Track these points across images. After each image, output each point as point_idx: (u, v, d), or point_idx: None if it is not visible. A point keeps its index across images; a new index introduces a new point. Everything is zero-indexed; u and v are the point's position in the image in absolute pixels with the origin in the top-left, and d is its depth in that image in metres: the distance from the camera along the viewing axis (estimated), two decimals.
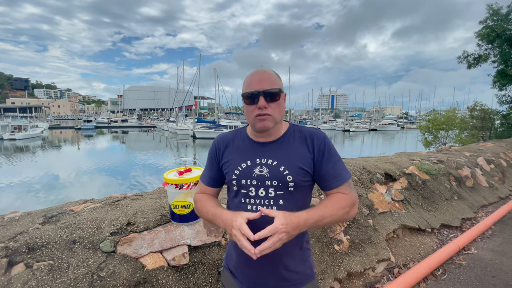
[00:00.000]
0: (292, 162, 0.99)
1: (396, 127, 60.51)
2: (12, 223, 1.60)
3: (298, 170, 0.98)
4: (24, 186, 12.56)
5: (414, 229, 3.14)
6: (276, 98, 0.98)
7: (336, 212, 0.94)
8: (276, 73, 1.02)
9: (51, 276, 1.30)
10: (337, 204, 0.96)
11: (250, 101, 0.98)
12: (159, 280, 1.53)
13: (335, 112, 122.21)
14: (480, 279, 2.44)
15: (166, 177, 1.59)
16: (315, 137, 1.02)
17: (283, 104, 1.03)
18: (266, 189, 0.99)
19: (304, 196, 1.05)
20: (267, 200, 0.99)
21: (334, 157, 1.02)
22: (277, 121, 1.01)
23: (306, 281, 1.07)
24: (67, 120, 67.60)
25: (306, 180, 1.01)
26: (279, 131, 1.06)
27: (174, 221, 1.69)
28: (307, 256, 1.10)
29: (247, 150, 1.06)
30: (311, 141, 1.02)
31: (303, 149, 1.02)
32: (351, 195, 1.00)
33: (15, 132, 32.51)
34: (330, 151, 1.01)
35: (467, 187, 4.44)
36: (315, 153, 1.01)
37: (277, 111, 0.99)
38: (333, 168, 1.00)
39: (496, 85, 12.01)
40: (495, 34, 10.51)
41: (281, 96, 1.00)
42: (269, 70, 1.02)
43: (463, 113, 18.45)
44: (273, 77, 0.99)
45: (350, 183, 1.02)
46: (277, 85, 0.98)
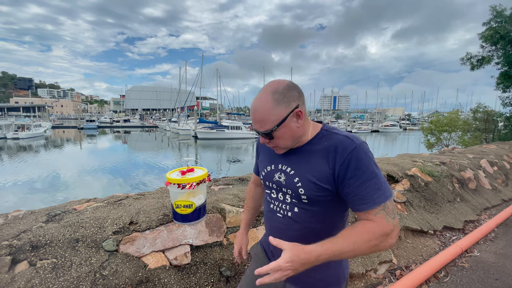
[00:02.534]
0: (305, 174, 0.92)
1: (398, 128, 60.29)
2: (16, 221, 1.61)
3: (310, 184, 0.90)
4: (27, 185, 12.63)
5: (416, 231, 3.13)
6: (270, 136, 0.91)
7: (359, 246, 0.79)
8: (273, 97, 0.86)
9: (54, 274, 1.31)
10: (360, 236, 0.80)
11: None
12: (161, 279, 1.53)
13: (337, 113, 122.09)
14: (483, 281, 2.42)
15: (168, 176, 1.60)
16: (339, 149, 0.87)
17: (289, 128, 0.90)
18: (284, 195, 0.99)
19: (326, 210, 0.93)
20: (284, 205, 0.99)
21: (363, 174, 0.84)
22: (288, 146, 0.95)
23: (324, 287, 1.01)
24: (70, 120, 67.96)
25: (322, 195, 0.90)
26: (305, 137, 0.96)
27: (176, 220, 1.69)
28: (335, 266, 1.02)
29: (273, 154, 1.04)
30: (334, 154, 0.87)
31: (322, 161, 0.90)
32: (383, 224, 0.81)
33: (19, 131, 32.71)
34: (358, 167, 0.84)
35: (470, 189, 4.42)
36: (336, 168, 0.86)
37: (281, 140, 0.92)
38: (360, 188, 0.84)
39: (500, 87, 11.94)
40: (498, 36, 10.46)
41: (278, 130, 0.88)
42: (264, 100, 0.87)
43: (466, 114, 18.36)
44: (264, 115, 0.87)
45: (386, 207, 0.83)
46: (268, 124, 0.87)
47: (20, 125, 34.31)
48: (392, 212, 0.84)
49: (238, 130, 35.24)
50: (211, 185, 2.62)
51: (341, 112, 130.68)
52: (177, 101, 52.11)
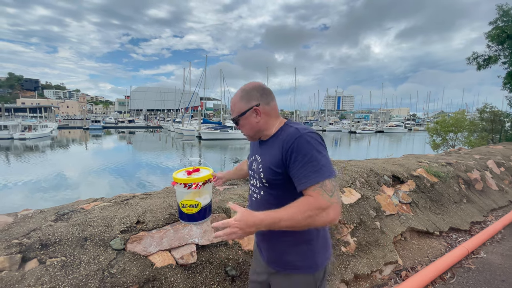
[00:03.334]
0: (265, 160, 1.12)
1: (403, 129, 59.80)
2: (25, 220, 1.64)
3: (267, 169, 1.09)
4: (35, 184, 12.79)
5: (422, 232, 3.11)
6: (239, 123, 1.17)
7: (295, 216, 0.91)
8: (241, 93, 1.14)
9: (63, 272, 1.33)
10: (297, 207, 0.93)
11: None
12: (167, 278, 1.55)
13: (341, 113, 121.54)
14: (489, 283, 2.40)
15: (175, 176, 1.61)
16: (287, 138, 1.04)
17: (249, 121, 1.14)
18: (255, 180, 1.19)
19: (282, 192, 1.09)
20: (256, 189, 1.20)
21: (303, 158, 0.97)
22: (251, 136, 1.19)
23: (296, 271, 1.13)
24: (75, 120, 68.58)
25: (277, 179, 1.07)
26: (270, 131, 1.16)
27: (182, 220, 1.70)
28: (307, 251, 1.12)
29: (254, 147, 1.28)
30: (284, 142, 1.04)
31: (277, 150, 1.07)
32: (318, 199, 0.93)
33: (25, 132, 33.12)
34: (299, 152, 0.98)
35: (476, 190, 4.38)
36: (283, 153, 1.03)
37: (247, 129, 1.17)
38: (300, 170, 0.98)
39: (507, 86, 11.78)
40: (505, 35, 10.33)
41: (241, 119, 1.15)
42: (237, 93, 1.17)
43: (472, 115, 18.15)
44: (233, 107, 1.17)
45: (324, 185, 0.94)
46: (234, 113, 1.16)
47: (27, 125, 34.73)
48: (330, 190, 0.94)
49: None
50: (216, 185, 2.63)
51: (345, 112, 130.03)
52: (181, 101, 52.34)
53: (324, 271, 1.16)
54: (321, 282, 1.16)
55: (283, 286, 1.15)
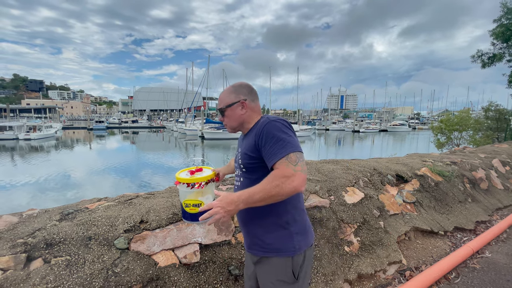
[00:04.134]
0: (244, 149, 1.25)
1: (407, 128, 59.37)
2: (31, 219, 1.66)
3: (244, 155, 1.22)
4: (40, 184, 12.91)
5: (426, 232, 3.08)
6: (225, 114, 1.29)
7: (265, 187, 1.02)
8: (233, 88, 1.29)
9: (68, 271, 1.34)
10: (266, 180, 1.04)
11: None
12: (171, 277, 1.55)
13: (345, 112, 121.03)
14: (494, 283, 2.38)
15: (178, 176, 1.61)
16: (259, 126, 1.18)
17: (235, 113, 1.28)
18: (237, 170, 1.34)
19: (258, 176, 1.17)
20: (238, 177, 1.34)
21: (272, 139, 1.10)
22: (234, 127, 1.32)
23: (275, 253, 1.19)
24: (79, 121, 69.06)
25: (252, 163, 1.20)
26: (250, 125, 1.30)
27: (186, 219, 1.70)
28: (284, 234, 1.20)
29: (240, 141, 1.43)
30: (257, 130, 1.18)
31: (252, 138, 1.20)
32: (283, 168, 1.04)
33: (30, 132, 33.41)
34: (268, 135, 1.12)
35: (481, 189, 4.34)
36: (256, 139, 1.16)
37: (231, 120, 1.30)
38: (270, 150, 1.10)
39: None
40: (510, 33, 10.22)
41: (228, 110, 1.28)
42: (227, 88, 1.32)
43: (477, 113, 17.97)
44: (223, 97, 1.30)
45: (289, 157, 1.06)
46: (222, 103, 1.29)
47: (32, 126, 35.04)
48: (294, 161, 1.05)
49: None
50: (219, 185, 2.64)
51: (349, 111, 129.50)
52: (184, 101, 52.48)
53: (304, 255, 1.21)
54: (301, 267, 1.20)
55: (264, 269, 1.22)
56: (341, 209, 2.53)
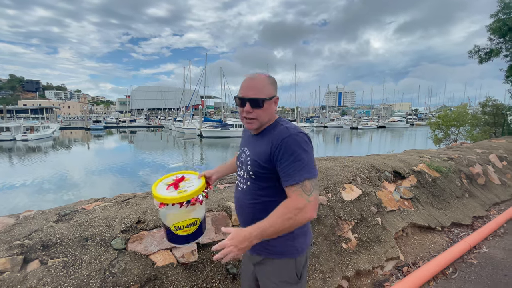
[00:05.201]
0: (253, 154, 1.16)
1: (405, 124, 59.54)
2: (27, 221, 1.65)
3: (255, 162, 1.14)
4: (37, 185, 12.86)
5: (423, 228, 3.10)
6: (259, 105, 1.11)
7: (277, 220, 0.98)
8: (269, 79, 1.14)
9: (65, 273, 1.34)
10: (277, 213, 1.00)
11: (239, 104, 1.15)
12: (168, 277, 1.55)
13: (342, 109, 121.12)
14: (492, 278, 2.40)
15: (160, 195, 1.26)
16: (276, 136, 1.10)
17: (270, 108, 1.15)
18: (243, 172, 1.24)
19: (268, 184, 1.14)
20: (242, 179, 1.25)
21: (290, 156, 1.04)
22: (263, 123, 1.16)
23: (278, 255, 1.17)
24: (77, 121, 68.81)
25: (264, 172, 1.12)
26: (267, 124, 1.19)
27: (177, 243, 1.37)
28: (288, 237, 1.17)
29: (244, 140, 1.32)
30: (273, 139, 1.10)
31: (266, 145, 1.12)
32: (297, 199, 1.00)
33: (27, 133, 33.23)
34: (287, 151, 1.05)
35: (478, 184, 4.36)
36: (272, 150, 1.08)
37: (262, 115, 1.14)
38: (285, 168, 1.04)
39: (509, 80, 11.70)
40: (507, 28, 10.23)
41: (267, 103, 1.12)
42: (261, 76, 1.13)
43: (474, 109, 18.03)
44: (261, 85, 1.11)
45: (304, 185, 1.01)
46: (262, 93, 1.11)
47: (29, 126, 34.84)
48: (308, 190, 1.01)
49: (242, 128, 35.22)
50: (217, 184, 2.64)
51: (347, 108, 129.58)
52: (181, 100, 52.34)
53: (305, 256, 1.21)
54: (303, 268, 1.20)
55: (266, 271, 1.20)
56: (338, 206, 2.54)
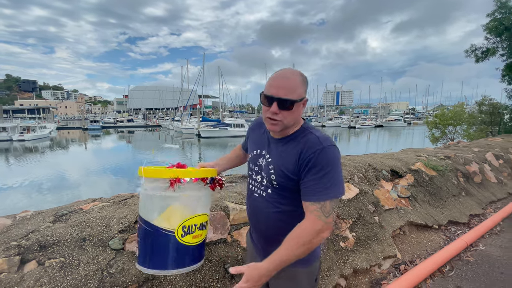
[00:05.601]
0: (279, 162, 1.06)
1: (402, 123, 59.82)
2: (24, 222, 1.64)
3: (280, 172, 1.04)
4: (34, 185, 12.80)
5: (420, 226, 3.12)
6: (289, 107, 0.98)
7: (294, 250, 0.93)
8: (302, 78, 1.01)
9: (62, 273, 1.33)
10: (293, 241, 0.94)
11: (265, 102, 1.02)
12: (166, 277, 1.55)
13: (340, 108, 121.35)
14: (488, 275, 2.42)
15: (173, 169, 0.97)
16: (308, 146, 1.00)
17: (298, 110, 1.03)
18: (262, 178, 1.13)
19: (294, 195, 1.05)
20: (261, 186, 1.14)
21: (318, 173, 0.96)
22: (288, 126, 1.04)
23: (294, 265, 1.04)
24: (74, 121, 68.40)
25: (289, 183, 1.03)
26: (288, 131, 1.08)
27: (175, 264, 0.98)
28: None
29: (262, 141, 1.18)
30: (303, 149, 1.00)
31: (293, 154, 1.02)
32: (315, 222, 0.94)
33: (24, 133, 33.03)
34: (316, 165, 0.96)
35: (475, 183, 4.39)
36: (300, 162, 1.00)
37: (289, 118, 1.01)
38: (310, 183, 0.97)
39: (505, 79, 11.78)
40: (503, 27, 10.29)
41: (296, 105, 1.00)
42: (295, 74, 1.00)
43: (471, 107, 18.14)
44: (293, 85, 0.98)
45: (324, 206, 0.95)
46: (294, 94, 0.98)
47: (26, 127, 34.63)
48: (327, 212, 0.95)
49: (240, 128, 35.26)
50: None
51: (345, 107, 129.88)
52: (179, 100, 52.21)
53: (319, 262, 1.19)
54: (318, 274, 1.19)
55: (284, 281, 1.12)
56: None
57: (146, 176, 0.92)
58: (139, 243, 0.94)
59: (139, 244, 0.94)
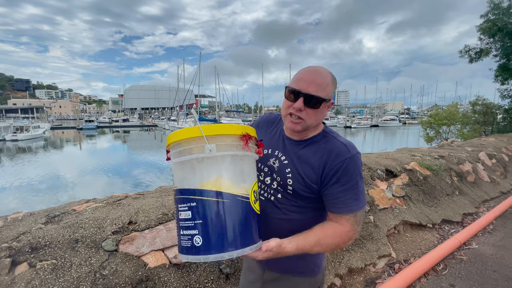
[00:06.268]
0: (298, 168, 0.97)
1: (397, 123, 60.29)
2: (15, 223, 1.62)
3: (299, 178, 0.96)
4: (27, 186, 12.64)
5: (415, 225, 3.15)
6: (316, 106, 0.92)
7: (326, 247, 0.91)
8: (333, 78, 0.96)
9: (54, 275, 1.32)
10: (330, 239, 0.90)
11: (290, 97, 0.94)
12: (161, 278, 1.54)
13: (337, 108, 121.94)
14: (481, 273, 2.44)
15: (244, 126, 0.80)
16: (333, 154, 0.92)
17: (323, 112, 0.96)
18: (272, 180, 1.02)
19: (305, 203, 0.99)
20: (269, 189, 1.03)
21: (347, 183, 0.91)
22: (309, 127, 0.97)
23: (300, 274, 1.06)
24: (68, 121, 67.75)
25: (307, 192, 0.96)
26: (308, 133, 1.01)
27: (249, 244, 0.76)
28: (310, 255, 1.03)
29: (274, 140, 1.08)
30: (327, 157, 0.93)
31: (315, 161, 0.95)
32: (351, 230, 0.92)
33: (17, 133, 32.63)
34: (345, 175, 0.91)
35: (468, 182, 4.44)
36: (326, 171, 0.92)
37: (313, 118, 0.94)
38: (340, 194, 0.91)
39: (498, 79, 11.96)
40: (496, 28, 10.44)
41: (323, 105, 0.93)
42: (328, 72, 0.95)
43: (465, 107, 18.35)
44: (325, 83, 0.92)
45: (356, 216, 0.92)
46: (324, 93, 0.91)
47: (19, 126, 34.22)
48: (359, 222, 0.93)
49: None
50: None
51: (341, 107, 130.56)
52: (175, 99, 51.99)
53: (323, 273, 1.15)
54: (322, 284, 1.14)
55: None
56: None
57: (207, 135, 0.72)
58: (195, 226, 0.72)
59: (198, 228, 0.71)
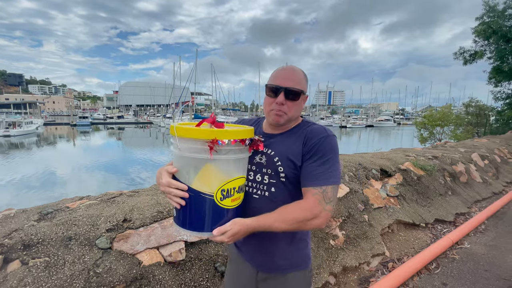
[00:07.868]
0: (284, 153, 1.03)
1: (392, 123, 60.79)
2: (7, 220, 1.59)
3: (288, 162, 1.01)
4: (19, 183, 12.46)
5: (408, 224, 3.18)
6: (295, 98, 1.03)
7: (287, 218, 0.91)
8: (305, 75, 1.07)
9: (47, 273, 1.30)
10: (291, 214, 0.91)
11: (271, 94, 1.04)
12: (155, 276, 1.53)
13: (332, 108, 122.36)
14: (473, 273, 2.48)
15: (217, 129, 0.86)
16: (312, 134, 1.02)
17: (301, 104, 1.06)
18: (262, 176, 1.06)
19: (295, 188, 1.02)
20: (262, 185, 1.06)
21: (320, 159, 0.97)
22: (291, 119, 1.06)
23: (294, 269, 1.09)
24: (62, 117, 66.87)
25: (296, 173, 1.01)
26: (289, 125, 1.10)
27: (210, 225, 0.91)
28: (301, 248, 1.11)
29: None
30: (307, 135, 1.02)
31: (297, 142, 1.03)
32: (315, 205, 0.92)
33: (10, 129, 32.11)
34: (320, 150, 0.97)
35: (461, 182, 4.50)
36: (305, 149, 1.00)
37: (293, 110, 1.04)
38: (313, 167, 0.96)
39: (492, 81, 12.10)
40: (491, 31, 10.55)
41: (301, 98, 1.05)
42: (299, 69, 1.06)
43: (458, 109, 18.58)
44: (299, 78, 1.04)
45: (325, 191, 0.93)
46: (301, 86, 1.03)
47: (11, 122, 33.67)
48: (328, 198, 0.94)
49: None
50: None
51: (336, 107, 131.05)
52: (171, 96, 51.66)
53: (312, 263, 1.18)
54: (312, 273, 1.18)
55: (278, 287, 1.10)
56: None
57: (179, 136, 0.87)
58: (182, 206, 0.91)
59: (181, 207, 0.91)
